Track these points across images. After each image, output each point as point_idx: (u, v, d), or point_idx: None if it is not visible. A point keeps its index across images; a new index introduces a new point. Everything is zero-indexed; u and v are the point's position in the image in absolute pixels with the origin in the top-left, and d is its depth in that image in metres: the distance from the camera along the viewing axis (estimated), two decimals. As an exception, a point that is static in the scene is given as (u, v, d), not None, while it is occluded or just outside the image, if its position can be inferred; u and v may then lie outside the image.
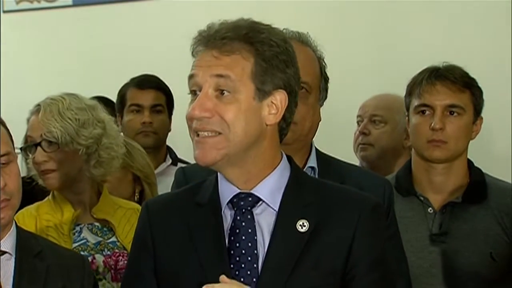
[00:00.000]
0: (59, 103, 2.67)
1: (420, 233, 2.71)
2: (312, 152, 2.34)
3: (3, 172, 2.09)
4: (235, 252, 1.82)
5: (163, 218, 1.90)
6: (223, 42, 1.80)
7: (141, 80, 3.80)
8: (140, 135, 3.68)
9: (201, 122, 1.81)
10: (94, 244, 2.70)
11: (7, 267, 2.11)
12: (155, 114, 3.74)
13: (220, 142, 1.80)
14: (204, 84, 1.81)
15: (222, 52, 1.80)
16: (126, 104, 3.76)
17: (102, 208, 2.75)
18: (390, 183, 2.40)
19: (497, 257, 2.65)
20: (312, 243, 1.82)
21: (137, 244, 1.94)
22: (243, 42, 1.81)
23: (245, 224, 1.83)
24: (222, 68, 1.80)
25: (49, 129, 2.63)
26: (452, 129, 2.70)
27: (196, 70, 1.82)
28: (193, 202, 1.90)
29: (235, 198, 1.86)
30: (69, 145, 2.64)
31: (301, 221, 1.83)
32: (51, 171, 2.66)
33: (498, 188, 2.75)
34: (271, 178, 1.87)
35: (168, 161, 3.81)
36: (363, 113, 3.47)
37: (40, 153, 2.65)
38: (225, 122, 1.79)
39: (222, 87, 1.80)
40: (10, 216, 2.13)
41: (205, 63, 1.81)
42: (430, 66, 2.77)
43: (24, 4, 5.04)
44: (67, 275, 2.16)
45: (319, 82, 2.30)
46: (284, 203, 1.86)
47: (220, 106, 1.79)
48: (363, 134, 3.46)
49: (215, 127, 1.80)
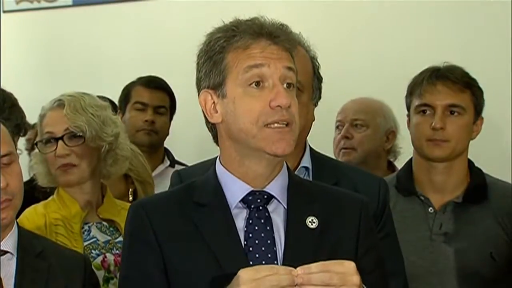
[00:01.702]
0: (80, 99, 2.69)
1: (421, 233, 2.72)
2: (306, 151, 2.34)
3: (4, 172, 2.09)
4: (254, 249, 1.82)
5: (163, 218, 1.88)
6: (284, 39, 1.85)
7: (149, 80, 3.82)
8: (141, 132, 3.70)
9: (284, 112, 1.82)
10: (104, 243, 2.71)
11: (9, 267, 2.11)
12: (158, 114, 3.76)
13: (293, 135, 1.84)
14: (275, 75, 1.83)
15: (286, 49, 1.86)
16: (130, 101, 3.77)
17: (108, 208, 2.76)
18: (385, 182, 2.40)
19: (497, 257, 2.66)
20: (322, 239, 1.85)
21: (137, 245, 1.89)
22: (296, 43, 1.93)
23: (263, 221, 1.85)
24: (292, 62, 1.86)
25: (76, 123, 2.64)
26: (453, 129, 2.70)
27: (265, 60, 1.83)
28: (191, 201, 1.89)
29: (249, 196, 1.86)
30: (95, 140, 2.66)
31: (310, 218, 1.86)
32: (72, 166, 2.67)
33: (499, 188, 2.75)
34: (280, 177, 1.90)
35: (166, 162, 3.82)
36: (344, 117, 3.47)
37: (62, 146, 2.65)
38: (294, 114, 1.84)
39: (289, 81, 1.85)
40: (12, 216, 2.13)
41: (275, 56, 1.84)
42: (431, 66, 2.77)
43: (24, 4, 5.04)
44: (68, 275, 2.16)
45: (312, 81, 2.30)
46: (292, 200, 1.88)
47: (291, 98, 1.85)
48: (345, 138, 3.46)
49: (291, 117, 1.83)
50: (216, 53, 1.85)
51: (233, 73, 1.84)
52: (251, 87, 1.83)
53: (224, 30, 1.86)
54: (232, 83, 1.84)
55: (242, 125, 1.82)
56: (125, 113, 3.78)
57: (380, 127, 3.48)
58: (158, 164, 3.77)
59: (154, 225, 1.87)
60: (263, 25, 1.85)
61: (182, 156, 3.94)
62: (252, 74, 1.82)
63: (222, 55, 1.85)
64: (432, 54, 3.24)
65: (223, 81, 1.85)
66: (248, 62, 1.82)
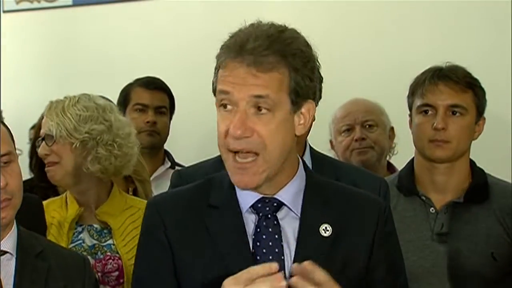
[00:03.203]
0: (66, 100, 2.79)
1: (422, 232, 2.71)
2: (306, 151, 2.34)
3: (4, 172, 2.09)
4: (261, 258, 1.80)
5: (176, 219, 1.87)
6: (259, 59, 1.74)
7: (147, 81, 3.81)
8: (143, 133, 3.68)
9: (240, 141, 1.76)
10: (89, 247, 2.73)
11: (8, 267, 2.11)
12: (159, 115, 3.74)
13: (261, 166, 1.77)
14: (240, 102, 1.75)
15: (259, 69, 1.74)
16: (130, 103, 3.76)
17: (107, 209, 2.77)
18: (386, 181, 2.40)
19: (499, 257, 2.65)
20: (335, 247, 1.82)
21: (150, 244, 1.89)
22: (278, 56, 1.76)
23: (271, 230, 1.82)
24: (261, 88, 1.75)
25: (47, 125, 2.75)
26: (455, 129, 2.70)
27: (231, 87, 1.76)
28: (205, 203, 1.87)
29: (259, 203, 1.84)
30: (64, 139, 2.72)
31: (324, 226, 1.83)
32: (53, 164, 2.75)
33: (500, 189, 2.75)
34: (294, 183, 1.86)
35: (166, 164, 3.80)
36: (353, 120, 3.45)
37: (42, 147, 2.76)
38: (263, 141, 1.75)
39: (261, 105, 1.75)
40: (12, 216, 2.13)
41: (241, 81, 1.75)
42: (433, 66, 2.77)
43: (24, 4, 5.04)
44: (68, 275, 2.16)
45: None
46: (306, 207, 1.85)
47: (259, 124, 1.75)
48: (361, 140, 3.45)
49: (253, 146, 1.75)
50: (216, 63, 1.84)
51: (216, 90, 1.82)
52: (221, 108, 1.80)
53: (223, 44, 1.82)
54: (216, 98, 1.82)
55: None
56: (125, 115, 3.76)
57: (385, 125, 3.50)
58: (159, 166, 3.76)
59: (167, 224, 1.86)
60: (238, 42, 1.76)
61: (182, 156, 3.94)
62: (222, 98, 1.78)
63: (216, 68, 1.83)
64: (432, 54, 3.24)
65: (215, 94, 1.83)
66: (219, 86, 1.78)
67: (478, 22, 4.05)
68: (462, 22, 4.08)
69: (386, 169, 3.53)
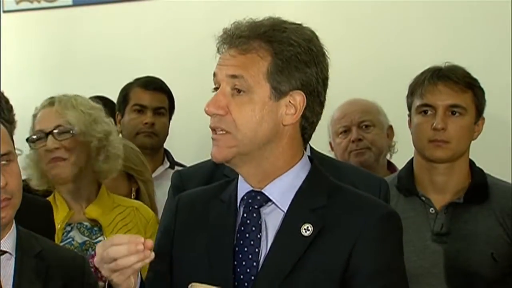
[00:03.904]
0: (71, 98, 2.76)
1: (422, 233, 2.71)
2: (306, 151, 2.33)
3: (4, 171, 2.10)
4: (239, 249, 1.83)
5: (189, 212, 1.93)
6: (240, 40, 1.81)
7: (146, 81, 3.80)
8: (141, 135, 3.68)
9: (214, 119, 1.83)
10: (80, 244, 2.74)
11: (8, 267, 2.11)
12: (158, 116, 3.74)
13: (230, 141, 1.81)
14: (222, 82, 1.83)
15: (239, 51, 1.81)
16: (129, 103, 3.75)
17: (97, 207, 2.77)
18: (386, 182, 2.39)
19: (498, 257, 2.65)
20: (313, 248, 1.80)
21: (162, 230, 2.07)
22: (261, 41, 1.81)
23: (250, 222, 1.84)
24: (236, 68, 1.80)
25: (65, 118, 2.70)
26: (454, 129, 2.70)
27: (217, 69, 1.85)
28: (219, 198, 1.92)
29: (247, 196, 1.86)
30: (83, 135, 2.70)
31: (306, 225, 1.82)
32: (61, 160, 2.71)
33: (500, 189, 2.75)
34: (284, 178, 1.86)
35: (166, 164, 3.80)
36: (350, 121, 3.44)
37: (51, 140, 2.70)
38: (233, 121, 1.80)
39: (237, 87, 1.81)
40: (11, 215, 2.13)
41: (223, 62, 1.83)
42: (432, 66, 2.77)
43: (24, 4, 5.04)
44: (67, 275, 2.17)
45: None
46: (293, 205, 1.85)
47: (233, 105, 1.81)
48: (358, 141, 3.44)
49: (224, 125, 1.81)
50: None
51: None
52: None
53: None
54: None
55: None
56: (124, 115, 3.76)
57: (383, 124, 3.50)
58: (158, 166, 3.76)
59: (178, 217, 1.94)
60: (231, 29, 1.84)
61: (181, 156, 3.94)
62: (214, 81, 1.86)
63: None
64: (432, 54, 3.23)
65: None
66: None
67: (478, 22, 4.04)
68: (462, 22, 4.07)
69: (386, 168, 3.53)
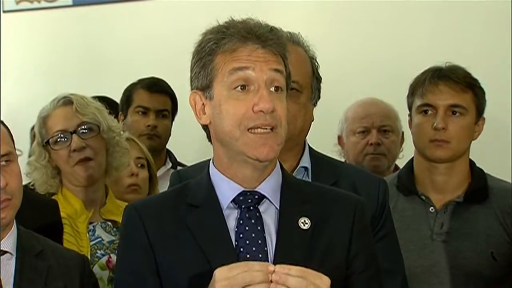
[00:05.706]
0: (83, 97, 2.72)
1: (422, 232, 2.71)
2: (305, 151, 2.34)
3: (4, 172, 2.10)
4: (244, 249, 1.83)
5: (156, 220, 1.88)
6: (270, 42, 1.83)
7: (150, 83, 3.78)
8: (143, 137, 3.66)
9: (267, 116, 1.81)
10: (108, 243, 2.72)
11: (8, 267, 2.11)
12: (161, 118, 3.73)
13: (278, 138, 1.83)
14: (259, 78, 1.82)
15: (272, 52, 1.84)
16: (132, 105, 3.74)
17: (110, 209, 2.76)
18: (384, 182, 2.39)
19: (498, 256, 2.65)
20: (315, 240, 1.85)
21: (131, 247, 1.89)
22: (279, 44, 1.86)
23: (254, 221, 1.84)
24: (278, 64, 1.84)
25: (90, 116, 2.66)
26: (455, 129, 2.70)
27: (250, 63, 1.82)
28: (184, 203, 1.89)
29: (240, 196, 1.86)
30: (107, 132, 2.69)
31: (302, 219, 1.86)
32: (89, 160, 2.67)
33: (500, 189, 2.75)
34: (272, 178, 1.89)
35: (168, 164, 3.81)
36: (371, 123, 3.41)
37: (78, 140, 2.66)
38: (280, 117, 1.83)
39: (277, 84, 1.83)
40: (11, 216, 2.13)
41: (262, 59, 1.82)
42: (433, 66, 2.77)
43: (24, 4, 5.04)
44: (67, 275, 2.17)
45: (310, 81, 2.30)
46: (284, 201, 1.88)
47: (277, 101, 1.83)
48: (376, 145, 3.42)
49: (276, 122, 1.82)
50: (206, 54, 1.86)
51: (219, 76, 1.84)
52: (236, 90, 1.83)
53: (215, 32, 1.86)
54: (219, 85, 1.85)
55: (226, 128, 1.83)
56: (127, 117, 3.75)
57: (399, 131, 3.48)
58: (160, 166, 3.76)
59: (147, 227, 1.87)
60: (252, 28, 1.84)
61: (183, 156, 3.94)
62: (237, 77, 1.82)
63: (211, 57, 1.85)
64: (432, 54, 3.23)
65: (211, 83, 1.86)
66: (233, 64, 1.82)
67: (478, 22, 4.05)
68: (462, 22, 4.08)
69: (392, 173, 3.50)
